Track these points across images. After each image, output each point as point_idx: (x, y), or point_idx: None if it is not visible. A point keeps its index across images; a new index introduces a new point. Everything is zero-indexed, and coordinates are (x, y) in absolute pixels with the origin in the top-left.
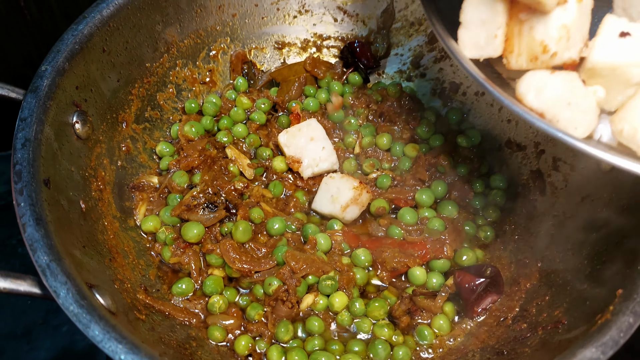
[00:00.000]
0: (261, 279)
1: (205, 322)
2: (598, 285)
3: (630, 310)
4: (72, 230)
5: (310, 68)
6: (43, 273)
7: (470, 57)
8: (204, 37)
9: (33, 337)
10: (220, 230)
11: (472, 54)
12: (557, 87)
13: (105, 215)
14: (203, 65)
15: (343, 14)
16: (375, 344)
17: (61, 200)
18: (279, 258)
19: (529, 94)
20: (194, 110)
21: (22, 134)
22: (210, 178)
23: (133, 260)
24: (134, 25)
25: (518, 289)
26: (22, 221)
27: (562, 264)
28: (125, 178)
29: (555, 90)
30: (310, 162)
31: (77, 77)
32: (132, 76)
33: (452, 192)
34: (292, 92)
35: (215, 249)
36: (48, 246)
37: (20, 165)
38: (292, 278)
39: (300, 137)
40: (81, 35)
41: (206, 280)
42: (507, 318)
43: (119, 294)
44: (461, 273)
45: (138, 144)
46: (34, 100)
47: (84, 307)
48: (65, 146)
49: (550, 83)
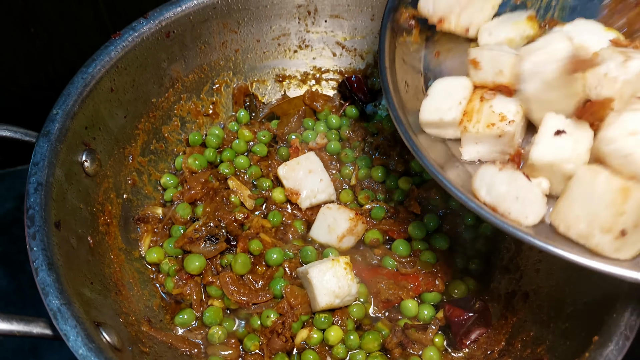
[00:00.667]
0: (258, 310)
1: (206, 353)
2: (578, 326)
3: (604, 357)
4: (80, 268)
5: (309, 102)
6: (54, 317)
7: (430, 119)
8: (208, 72)
9: (40, 353)
10: (221, 262)
11: (432, 117)
12: (504, 183)
13: (112, 248)
14: (207, 98)
15: (342, 49)
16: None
17: (70, 239)
18: (276, 291)
19: (482, 190)
20: (197, 143)
21: (34, 178)
22: (212, 210)
23: (138, 291)
24: (141, 64)
25: (505, 323)
26: (34, 265)
27: (547, 300)
28: (131, 210)
29: (503, 187)
30: (308, 194)
31: (86, 118)
32: (138, 111)
33: (444, 225)
34: (292, 124)
35: (215, 281)
36: (59, 290)
37: (32, 209)
38: (290, 312)
39: (299, 170)
40: (90, 78)
41: (206, 312)
42: (493, 352)
43: (124, 328)
44: (451, 307)
45: (143, 176)
46: (45, 144)
47: (92, 350)
48: (74, 185)
49: (498, 180)
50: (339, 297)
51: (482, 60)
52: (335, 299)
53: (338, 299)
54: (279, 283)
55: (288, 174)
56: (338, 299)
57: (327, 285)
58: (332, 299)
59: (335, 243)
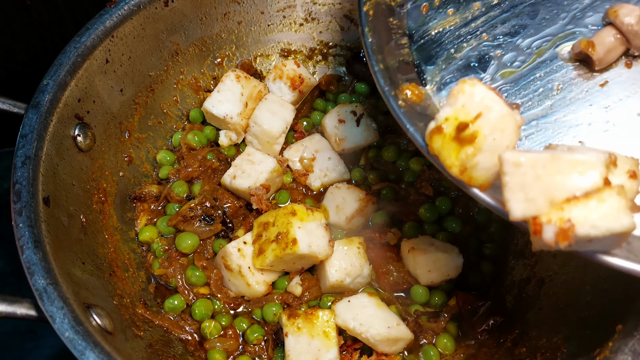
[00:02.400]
0: (259, 305)
1: (202, 340)
2: (598, 315)
3: (629, 348)
4: (71, 246)
5: (326, 87)
6: (40, 297)
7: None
8: (209, 45)
9: (38, 335)
10: (213, 247)
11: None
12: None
13: (106, 227)
14: (208, 73)
15: (350, 23)
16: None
17: (61, 216)
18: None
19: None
20: (198, 120)
21: (22, 151)
22: (210, 189)
23: (133, 273)
24: (138, 35)
25: (519, 310)
26: (20, 243)
27: (564, 287)
28: (127, 188)
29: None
30: (318, 174)
31: (79, 90)
32: (135, 85)
33: (456, 208)
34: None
35: (208, 265)
36: (45, 269)
37: (19, 184)
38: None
39: (304, 151)
40: (84, 47)
41: (194, 306)
42: (506, 340)
43: (117, 310)
44: (463, 295)
45: (141, 153)
46: (35, 116)
47: (80, 333)
48: (66, 160)
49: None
50: (350, 275)
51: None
52: (346, 276)
53: (349, 278)
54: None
55: (293, 157)
56: (349, 278)
57: (338, 262)
58: (343, 276)
59: (343, 224)
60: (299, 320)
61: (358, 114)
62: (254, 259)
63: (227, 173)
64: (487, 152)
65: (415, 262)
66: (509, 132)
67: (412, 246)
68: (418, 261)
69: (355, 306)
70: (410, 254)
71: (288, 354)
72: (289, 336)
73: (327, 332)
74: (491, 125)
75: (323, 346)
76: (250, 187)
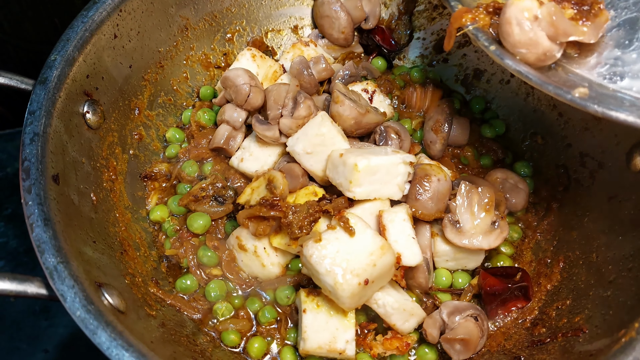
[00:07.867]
0: (271, 287)
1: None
2: (622, 294)
3: None
4: (82, 225)
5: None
6: (50, 275)
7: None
8: (219, 19)
9: (52, 314)
10: (225, 228)
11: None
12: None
13: (117, 206)
14: (218, 49)
15: None
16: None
17: (71, 194)
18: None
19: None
20: (209, 97)
21: (30, 128)
22: (221, 169)
23: (145, 252)
24: (147, 9)
25: (538, 290)
26: (29, 221)
27: (585, 266)
28: (138, 167)
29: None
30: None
31: (87, 66)
32: (144, 61)
33: None
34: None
35: (219, 246)
36: (56, 248)
37: (28, 161)
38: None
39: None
40: (91, 22)
41: (208, 288)
42: (525, 320)
43: (129, 289)
44: (486, 275)
45: (151, 131)
46: (42, 92)
47: (91, 312)
48: (76, 137)
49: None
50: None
51: None
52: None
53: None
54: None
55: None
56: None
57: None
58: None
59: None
60: (318, 298)
61: (370, 91)
62: (271, 237)
63: (235, 155)
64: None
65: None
66: None
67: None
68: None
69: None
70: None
71: (305, 330)
72: (307, 312)
73: (346, 312)
74: None
75: (341, 326)
76: (257, 170)
